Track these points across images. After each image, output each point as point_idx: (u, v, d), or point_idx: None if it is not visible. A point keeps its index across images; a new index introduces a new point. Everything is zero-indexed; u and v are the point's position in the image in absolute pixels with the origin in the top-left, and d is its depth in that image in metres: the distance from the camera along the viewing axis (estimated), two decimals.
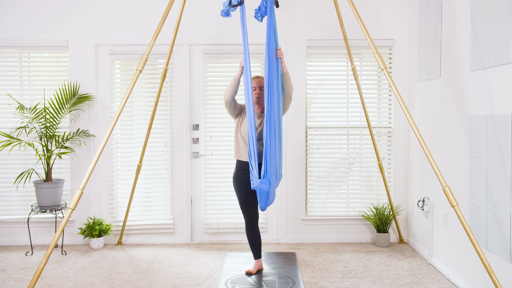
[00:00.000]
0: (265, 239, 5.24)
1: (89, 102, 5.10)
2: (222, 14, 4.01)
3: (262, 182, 3.53)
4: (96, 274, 4.20)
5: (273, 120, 3.63)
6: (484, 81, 3.48)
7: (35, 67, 5.22)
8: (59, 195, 4.81)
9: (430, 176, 4.53)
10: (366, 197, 5.26)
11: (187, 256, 4.72)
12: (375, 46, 3.89)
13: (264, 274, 4.16)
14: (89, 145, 5.13)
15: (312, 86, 5.24)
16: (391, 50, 5.21)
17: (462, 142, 3.83)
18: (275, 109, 3.65)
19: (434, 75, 4.39)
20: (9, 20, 5.07)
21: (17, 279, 4.06)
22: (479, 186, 3.53)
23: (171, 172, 5.20)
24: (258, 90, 4.04)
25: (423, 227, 4.71)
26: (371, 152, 5.22)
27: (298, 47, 5.16)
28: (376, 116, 5.25)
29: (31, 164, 5.12)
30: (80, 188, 3.35)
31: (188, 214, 5.21)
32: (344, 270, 4.27)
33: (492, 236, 3.35)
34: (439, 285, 3.92)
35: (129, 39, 5.12)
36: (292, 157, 5.18)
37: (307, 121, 5.22)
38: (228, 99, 3.96)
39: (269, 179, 3.56)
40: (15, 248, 4.99)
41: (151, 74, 5.20)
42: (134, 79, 3.65)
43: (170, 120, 5.19)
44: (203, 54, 5.16)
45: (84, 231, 4.94)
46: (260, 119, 4.00)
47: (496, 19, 3.30)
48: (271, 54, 3.68)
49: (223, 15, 4.02)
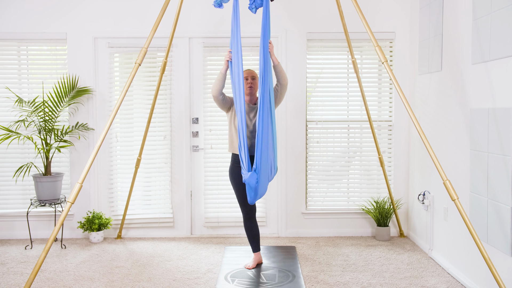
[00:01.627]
0: (265, 232, 5.23)
1: (88, 96, 5.08)
2: (215, 5, 3.96)
3: (251, 176, 3.55)
4: (95, 268, 4.19)
5: (267, 113, 3.62)
6: (485, 74, 3.46)
7: (34, 60, 5.20)
8: (58, 189, 4.79)
9: (431, 169, 4.52)
10: (367, 191, 5.25)
11: (187, 250, 4.71)
12: (376, 39, 3.85)
13: (264, 268, 4.15)
14: (88, 139, 5.11)
15: (312, 79, 5.22)
16: (391, 43, 5.18)
17: (463, 136, 3.81)
18: (267, 102, 3.64)
19: (435, 68, 4.36)
20: (8, 12, 5.03)
21: (16, 273, 4.06)
22: (480, 179, 3.51)
23: (170, 165, 5.19)
24: (250, 79, 4.06)
25: (424, 221, 4.70)
26: (371, 146, 5.20)
27: (298, 40, 5.12)
28: (377, 109, 5.23)
29: (30, 157, 5.10)
30: (80, 182, 3.34)
31: (188, 208, 5.20)
32: (344, 264, 4.26)
33: (493, 230, 3.34)
34: (439, 278, 3.92)
35: (128, 32, 5.08)
36: (292, 151, 5.17)
37: (307, 115, 5.20)
38: (216, 93, 3.95)
39: (259, 173, 3.56)
40: (15, 242, 4.98)
41: (151, 67, 5.17)
42: (133, 72, 3.62)
43: (169, 113, 5.16)
44: (202, 47, 5.12)
45: (84, 225, 4.94)
46: (254, 111, 3.99)
47: (498, 12, 3.27)
48: (265, 47, 3.69)
49: (215, 5, 3.97)
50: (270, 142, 3.70)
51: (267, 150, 3.65)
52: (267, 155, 3.65)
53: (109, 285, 3.79)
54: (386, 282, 3.83)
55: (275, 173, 3.91)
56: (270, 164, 3.73)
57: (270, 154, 3.70)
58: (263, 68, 3.61)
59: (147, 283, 3.82)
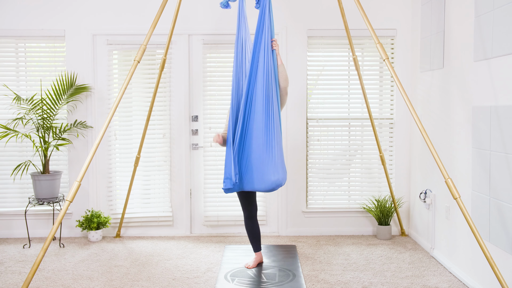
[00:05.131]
0: (265, 231, 5.20)
1: (86, 93, 5.04)
2: (222, 6, 3.95)
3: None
4: (94, 267, 4.16)
5: (271, 114, 3.69)
6: (488, 72, 3.42)
7: (32, 57, 5.16)
8: (56, 187, 4.76)
9: (432, 168, 4.48)
10: (368, 189, 5.22)
11: (186, 249, 4.68)
12: (377, 36, 3.83)
13: (264, 267, 4.12)
14: (86, 137, 5.08)
15: (313, 77, 5.18)
16: (393, 40, 5.14)
17: (465, 134, 3.78)
18: (261, 99, 3.72)
19: (436, 66, 4.33)
20: (5, 9, 4.99)
21: (14, 272, 4.02)
22: (482, 178, 3.48)
23: (170, 164, 5.15)
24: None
25: (425, 219, 4.67)
26: (372, 144, 5.16)
27: (299, 37, 5.09)
28: (378, 107, 5.20)
29: (28, 156, 5.07)
30: (78, 180, 3.31)
31: (187, 207, 5.17)
32: (345, 263, 4.23)
33: (495, 229, 3.31)
34: (441, 278, 3.89)
35: (127, 28, 5.04)
36: (292, 149, 5.13)
37: (308, 112, 5.16)
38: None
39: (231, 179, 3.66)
40: (13, 241, 4.95)
41: (150, 65, 5.13)
42: (132, 69, 3.60)
43: (169, 111, 5.13)
44: (202, 44, 5.09)
45: (82, 223, 4.90)
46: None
47: (500, 8, 3.24)
48: (267, 44, 3.69)
49: (222, 6, 3.96)
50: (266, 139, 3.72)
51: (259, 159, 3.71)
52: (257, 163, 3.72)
53: (108, 284, 3.76)
54: (387, 281, 3.80)
55: (284, 174, 3.79)
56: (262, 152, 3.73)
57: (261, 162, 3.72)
58: (265, 68, 3.65)
59: (146, 282, 3.79)
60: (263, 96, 3.71)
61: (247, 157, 3.73)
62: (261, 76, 3.72)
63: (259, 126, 3.70)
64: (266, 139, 3.71)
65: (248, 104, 3.73)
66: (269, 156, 3.70)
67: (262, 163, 3.70)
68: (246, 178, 3.73)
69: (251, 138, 3.72)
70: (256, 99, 3.72)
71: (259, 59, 3.74)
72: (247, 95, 3.72)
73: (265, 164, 3.70)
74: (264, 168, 3.70)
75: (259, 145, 3.70)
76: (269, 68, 3.73)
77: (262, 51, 3.73)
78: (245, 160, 3.73)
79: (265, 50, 3.73)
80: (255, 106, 3.71)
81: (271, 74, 3.74)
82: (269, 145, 3.70)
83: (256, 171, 3.70)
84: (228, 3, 3.98)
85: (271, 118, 3.72)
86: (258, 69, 3.73)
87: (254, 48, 3.75)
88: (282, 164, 3.79)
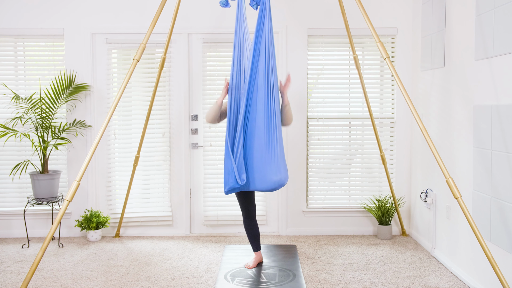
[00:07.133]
0: (265, 231, 5.18)
1: (85, 92, 5.02)
2: (221, 5, 3.93)
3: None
4: (93, 267, 4.14)
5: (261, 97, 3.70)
6: (489, 71, 3.41)
7: (31, 56, 5.14)
8: (55, 187, 4.74)
9: (433, 167, 4.46)
10: (368, 189, 5.20)
11: (186, 249, 4.66)
12: (378, 34, 3.80)
13: (264, 267, 4.10)
14: (86, 136, 5.06)
15: (313, 76, 5.16)
16: (393, 39, 5.12)
17: (466, 133, 3.76)
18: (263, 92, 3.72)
19: (437, 65, 4.31)
20: (4, 8, 4.97)
21: (13, 272, 4.01)
22: (483, 177, 3.46)
23: (169, 163, 5.13)
24: None
25: (426, 219, 4.65)
26: (373, 143, 5.14)
27: (299, 35, 5.06)
28: (379, 106, 5.17)
29: (27, 155, 5.05)
30: (77, 180, 3.29)
31: (187, 206, 5.15)
32: (346, 263, 4.21)
33: (496, 229, 3.29)
34: (442, 278, 3.87)
35: (126, 27, 5.02)
36: (292, 148, 5.11)
37: (308, 112, 5.14)
38: (212, 121, 3.93)
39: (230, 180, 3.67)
40: (11, 241, 4.93)
41: (149, 64, 5.11)
42: (132, 68, 3.58)
43: (168, 110, 5.11)
44: (202, 43, 5.06)
45: (81, 223, 4.89)
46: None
47: (501, 7, 3.22)
48: (267, 43, 3.70)
49: (222, 5, 3.94)
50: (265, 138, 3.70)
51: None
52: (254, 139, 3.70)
53: (107, 284, 3.74)
54: (388, 281, 3.78)
55: (285, 174, 3.81)
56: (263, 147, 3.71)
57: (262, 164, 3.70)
58: (257, 64, 3.66)
59: (146, 282, 3.77)
60: (264, 96, 3.68)
61: (249, 157, 3.70)
62: (261, 75, 3.69)
63: (260, 126, 3.68)
64: (268, 139, 3.69)
65: (249, 104, 3.70)
66: (271, 156, 3.68)
67: (264, 163, 3.68)
68: (248, 178, 3.71)
69: (253, 138, 3.70)
70: (257, 99, 3.69)
71: (259, 59, 3.71)
72: (248, 95, 3.69)
73: (267, 164, 3.68)
74: (266, 168, 3.68)
75: (260, 145, 3.68)
76: (270, 68, 3.70)
77: (263, 51, 3.70)
78: (246, 160, 3.71)
79: (265, 49, 3.70)
80: (256, 106, 3.69)
81: (272, 74, 3.71)
82: (271, 145, 3.69)
83: (258, 171, 3.68)
84: (228, 1, 3.97)
85: (272, 118, 3.70)
86: (258, 69, 3.69)
87: (254, 48, 3.70)
88: (284, 164, 3.78)
